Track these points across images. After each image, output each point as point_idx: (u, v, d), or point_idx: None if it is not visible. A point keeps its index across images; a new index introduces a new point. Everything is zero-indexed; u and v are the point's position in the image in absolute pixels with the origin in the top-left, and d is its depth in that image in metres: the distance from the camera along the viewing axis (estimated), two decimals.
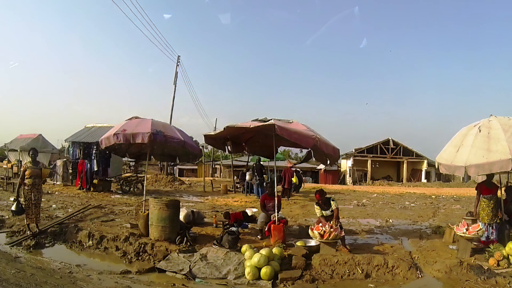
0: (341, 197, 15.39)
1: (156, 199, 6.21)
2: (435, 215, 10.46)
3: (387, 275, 4.68)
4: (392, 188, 24.71)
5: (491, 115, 5.52)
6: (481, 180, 7.31)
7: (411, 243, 6.60)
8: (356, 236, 7.10)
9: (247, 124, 5.98)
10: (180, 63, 26.73)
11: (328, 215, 6.00)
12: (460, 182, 31.26)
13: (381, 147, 35.10)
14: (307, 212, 9.98)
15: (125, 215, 8.44)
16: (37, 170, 6.40)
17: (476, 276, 4.46)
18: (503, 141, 4.90)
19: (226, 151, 8.00)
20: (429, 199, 15.69)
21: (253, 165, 15.26)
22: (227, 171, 36.28)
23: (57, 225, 6.73)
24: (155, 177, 20.82)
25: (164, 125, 7.17)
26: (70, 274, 4.55)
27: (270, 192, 6.67)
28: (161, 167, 29.54)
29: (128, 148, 7.66)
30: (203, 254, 5.17)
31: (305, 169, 33.52)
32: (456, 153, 5.48)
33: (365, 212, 10.74)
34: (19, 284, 3.88)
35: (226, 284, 4.45)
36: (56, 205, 9.47)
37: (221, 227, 6.94)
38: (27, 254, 5.47)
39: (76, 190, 13.28)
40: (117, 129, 6.38)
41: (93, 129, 15.54)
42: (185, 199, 12.96)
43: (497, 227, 5.88)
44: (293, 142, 6.07)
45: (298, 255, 5.08)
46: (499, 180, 6.42)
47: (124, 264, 5.17)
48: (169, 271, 4.74)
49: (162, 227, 5.84)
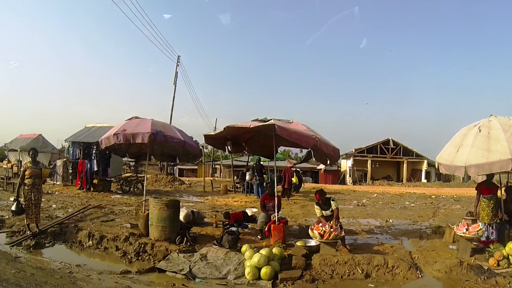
0: (341, 197, 15.39)
1: (156, 199, 6.21)
2: (435, 215, 10.45)
3: (387, 275, 4.68)
4: (392, 188, 24.71)
5: (491, 115, 5.52)
6: (481, 180, 7.30)
7: (411, 243, 6.60)
8: (356, 236, 7.10)
9: (247, 124, 5.98)
10: (180, 63, 26.74)
11: (328, 215, 6.00)
12: (460, 182, 31.27)
13: (381, 147, 35.10)
14: (307, 212, 9.98)
15: (125, 215, 8.44)
16: (37, 170, 6.39)
17: (476, 276, 4.46)
18: (503, 141, 4.90)
19: (226, 151, 8.00)
20: (429, 199, 15.69)
21: (253, 165, 15.26)
22: (227, 171, 36.29)
23: (57, 225, 6.73)
24: (155, 177, 20.82)
25: (164, 125, 7.17)
26: (70, 274, 4.55)
27: (270, 192, 6.67)
28: (161, 167, 29.55)
29: (128, 148, 7.66)
30: (203, 254, 5.17)
31: (305, 169, 33.53)
32: (456, 153, 5.48)
33: (365, 212, 10.74)
34: (19, 284, 3.88)
35: (226, 284, 4.45)
36: (56, 205, 9.47)
37: (221, 227, 6.95)
38: (27, 254, 5.46)
39: (76, 190, 13.27)
40: (117, 129, 6.38)
41: (93, 129, 15.54)
42: (185, 199, 12.97)
43: (497, 227, 5.88)
44: (293, 142, 6.07)
45: (298, 255, 5.08)
46: (499, 180, 6.42)
47: (124, 264, 5.17)
48: (169, 271, 4.74)
49: (162, 227, 5.84)
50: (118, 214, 8.57)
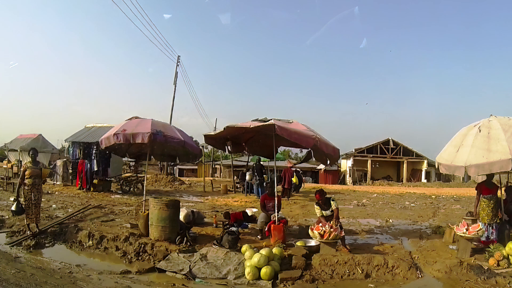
0: (341, 197, 15.39)
1: (156, 199, 6.21)
2: (435, 215, 10.45)
3: (387, 275, 4.68)
4: (392, 188, 24.71)
5: (491, 115, 5.52)
6: (481, 180, 7.30)
7: (411, 243, 6.60)
8: (356, 236, 7.10)
9: (247, 124, 5.98)
10: (180, 63, 26.74)
11: (328, 215, 6.00)
12: (460, 182, 31.28)
13: (381, 147, 35.10)
14: (307, 212, 9.98)
15: (125, 215, 8.44)
16: (37, 170, 6.39)
17: (476, 276, 4.46)
18: (503, 141, 4.90)
19: (226, 151, 8.00)
20: (429, 199, 15.69)
21: (253, 165, 15.26)
22: (227, 171, 36.28)
23: (57, 225, 6.73)
24: (155, 177, 20.82)
25: (164, 125, 7.17)
26: (70, 274, 4.55)
27: (270, 192, 6.67)
28: (161, 167, 29.55)
29: (128, 148, 7.66)
30: (203, 254, 5.17)
31: (305, 169, 33.52)
32: (456, 153, 5.48)
33: (365, 212, 10.74)
34: (19, 284, 3.88)
35: (226, 284, 4.45)
36: (56, 205, 9.47)
37: (221, 227, 6.94)
38: (27, 254, 5.46)
39: (76, 190, 13.27)
40: (117, 129, 6.38)
41: (93, 129, 15.54)
42: (185, 199, 12.97)
43: (497, 227, 5.88)
44: (293, 142, 6.07)
45: (298, 255, 5.08)
46: (499, 180, 6.42)
47: (124, 264, 5.17)
48: (169, 271, 4.74)
49: (162, 227, 5.84)
50: (118, 214, 8.57)
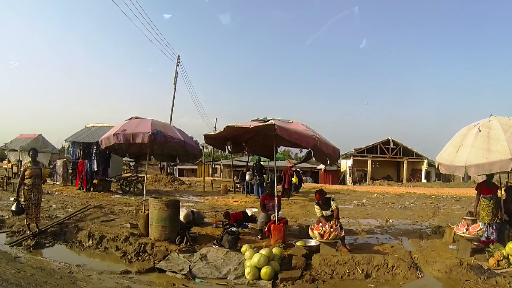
0: (341, 197, 15.38)
1: (156, 199, 6.21)
2: (435, 215, 10.45)
3: (387, 275, 4.68)
4: (392, 188, 24.71)
5: (491, 115, 5.52)
6: (481, 180, 7.30)
7: (411, 243, 6.60)
8: (356, 236, 7.09)
9: (247, 124, 5.98)
10: (180, 63, 26.73)
11: (328, 215, 6.00)
12: (460, 182, 31.27)
13: (381, 147, 35.10)
14: (307, 212, 9.98)
15: (125, 215, 8.44)
16: (37, 170, 6.39)
17: (476, 276, 4.46)
18: (503, 141, 4.90)
19: (226, 151, 8.00)
20: (429, 199, 15.69)
21: (253, 165, 15.26)
22: (227, 171, 36.28)
23: (57, 225, 6.73)
24: (155, 177, 20.82)
25: (164, 125, 7.17)
26: (70, 274, 4.55)
27: (270, 192, 6.67)
28: (161, 167, 29.54)
29: (128, 148, 7.66)
30: (203, 254, 5.17)
31: (305, 169, 33.52)
32: (456, 153, 5.48)
33: (365, 212, 10.73)
34: (19, 284, 3.88)
35: (226, 284, 4.45)
36: (56, 205, 9.47)
37: (221, 227, 6.94)
38: (27, 254, 5.46)
39: (76, 190, 13.27)
40: (117, 129, 6.38)
41: (93, 129, 15.54)
42: (185, 199, 12.96)
43: (497, 227, 5.88)
44: (293, 142, 6.07)
45: (298, 255, 5.07)
46: (499, 180, 6.42)
47: (124, 264, 5.17)
48: (169, 271, 4.74)
49: (162, 227, 5.84)
50: (118, 214, 8.57)
